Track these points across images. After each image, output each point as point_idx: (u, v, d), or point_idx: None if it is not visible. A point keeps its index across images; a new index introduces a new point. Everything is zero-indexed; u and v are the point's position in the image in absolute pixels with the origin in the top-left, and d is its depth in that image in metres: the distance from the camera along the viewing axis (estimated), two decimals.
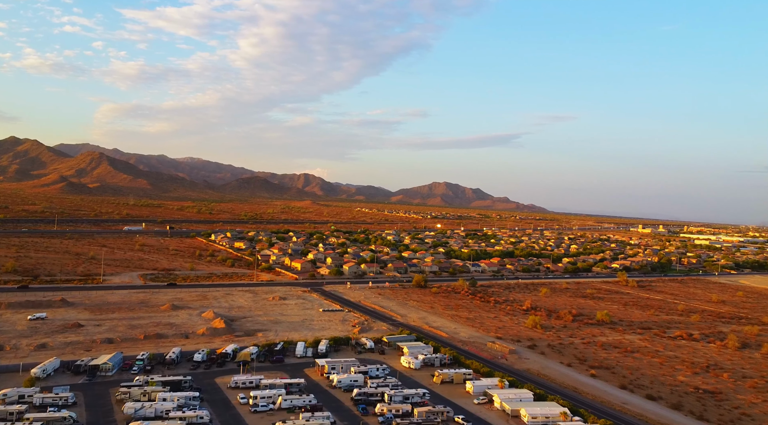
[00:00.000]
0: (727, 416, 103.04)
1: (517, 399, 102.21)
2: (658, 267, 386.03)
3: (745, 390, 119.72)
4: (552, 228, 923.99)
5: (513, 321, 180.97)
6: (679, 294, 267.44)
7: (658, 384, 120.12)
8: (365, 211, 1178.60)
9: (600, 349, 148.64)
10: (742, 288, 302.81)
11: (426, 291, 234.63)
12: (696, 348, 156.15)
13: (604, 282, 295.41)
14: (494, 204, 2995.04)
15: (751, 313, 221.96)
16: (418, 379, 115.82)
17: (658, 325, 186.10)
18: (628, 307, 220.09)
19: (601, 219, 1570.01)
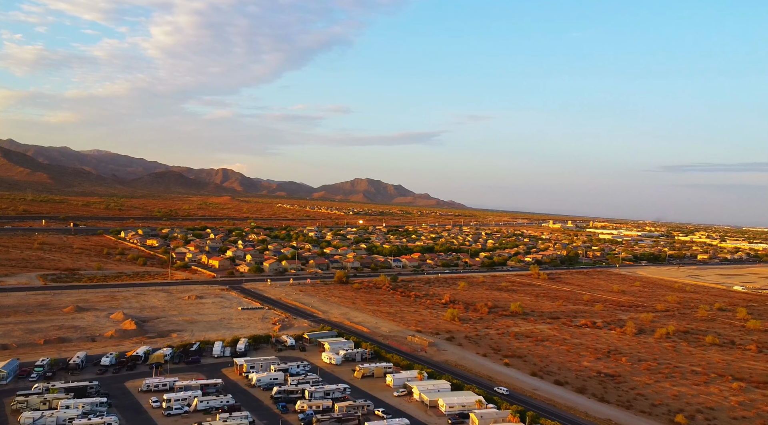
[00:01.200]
0: (624, 397, 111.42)
1: (436, 389, 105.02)
2: (566, 260, 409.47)
3: (640, 372, 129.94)
4: (470, 224, 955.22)
5: (432, 314, 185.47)
6: (585, 286, 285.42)
7: (565, 370, 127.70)
8: (287, 207, 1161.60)
9: (513, 339, 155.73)
10: (640, 279, 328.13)
11: (348, 287, 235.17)
12: (599, 335, 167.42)
13: (518, 276, 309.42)
14: (415, 200, 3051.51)
15: (646, 302, 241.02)
16: (339, 375, 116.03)
17: (566, 315, 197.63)
18: (539, 299, 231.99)
19: (515, 215, 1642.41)
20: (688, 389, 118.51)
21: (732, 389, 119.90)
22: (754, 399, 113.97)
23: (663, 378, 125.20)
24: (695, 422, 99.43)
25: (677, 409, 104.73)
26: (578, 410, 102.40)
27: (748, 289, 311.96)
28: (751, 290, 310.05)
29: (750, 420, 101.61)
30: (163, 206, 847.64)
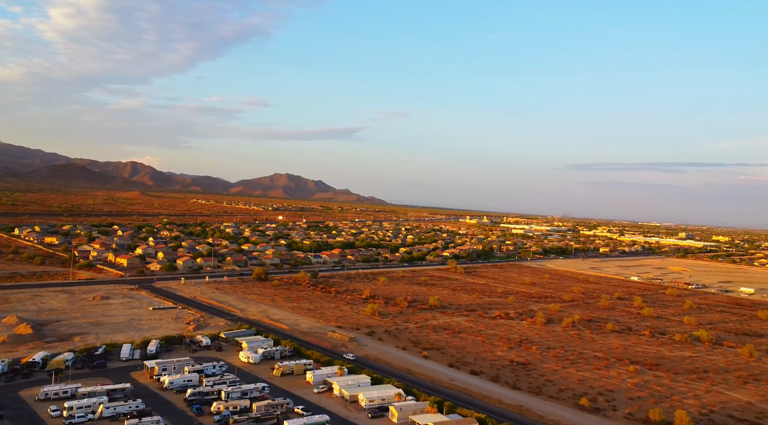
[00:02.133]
0: (534, 383, 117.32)
1: (356, 384, 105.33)
2: (482, 254, 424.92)
3: (549, 359, 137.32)
4: (390, 219, 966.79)
5: (353, 310, 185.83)
6: (499, 278, 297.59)
7: (480, 360, 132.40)
8: (202, 202, 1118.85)
9: (431, 332, 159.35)
10: (549, 271, 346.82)
11: (267, 284, 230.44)
12: (512, 326, 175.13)
13: (436, 270, 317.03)
14: (336, 196, 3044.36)
15: (555, 293, 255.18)
16: (258, 374, 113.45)
17: (481, 307, 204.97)
18: (456, 292, 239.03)
19: (434, 211, 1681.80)
20: (591, 373, 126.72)
21: (629, 372, 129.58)
22: (648, 380, 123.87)
23: (569, 365, 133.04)
24: (597, 404, 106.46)
25: (581, 393, 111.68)
26: (492, 398, 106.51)
27: (643, 279, 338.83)
28: (646, 280, 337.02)
29: (644, 400, 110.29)
30: (64, 201, 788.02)
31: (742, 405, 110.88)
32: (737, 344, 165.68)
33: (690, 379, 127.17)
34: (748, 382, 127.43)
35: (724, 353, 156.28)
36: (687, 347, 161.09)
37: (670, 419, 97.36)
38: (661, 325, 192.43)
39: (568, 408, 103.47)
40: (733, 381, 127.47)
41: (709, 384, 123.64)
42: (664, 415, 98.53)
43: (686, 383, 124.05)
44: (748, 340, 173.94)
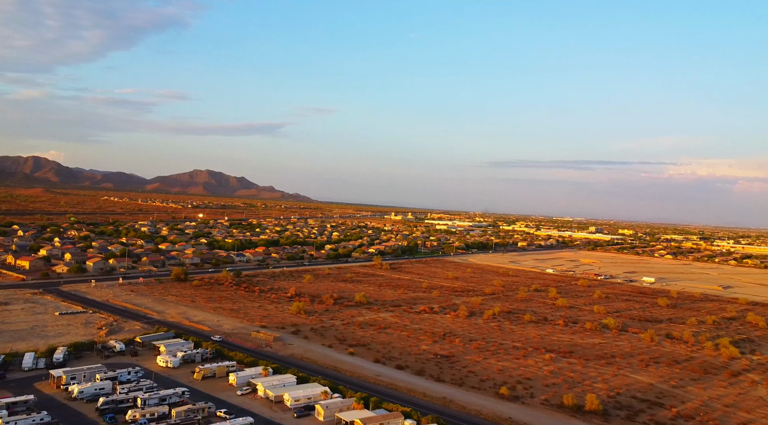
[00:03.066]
0: (457, 375, 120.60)
1: (281, 384, 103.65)
2: (407, 250, 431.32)
3: (471, 351, 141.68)
4: (316, 216, 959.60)
5: (278, 308, 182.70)
6: (424, 274, 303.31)
7: (405, 355, 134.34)
8: (114, 200, 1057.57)
9: (358, 329, 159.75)
10: (471, 266, 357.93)
11: (186, 284, 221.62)
12: (436, 320, 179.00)
13: (362, 267, 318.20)
14: (260, 193, 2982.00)
15: (477, 286, 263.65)
16: (177, 378, 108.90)
17: (406, 302, 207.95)
18: (382, 288, 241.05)
19: (359, 208, 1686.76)
20: (511, 363, 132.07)
21: (545, 360, 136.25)
22: (562, 368, 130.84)
23: (490, 355, 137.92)
24: (516, 392, 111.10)
25: (501, 382, 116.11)
26: (417, 391, 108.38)
27: (558, 272, 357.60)
28: (560, 272, 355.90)
29: (558, 386, 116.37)
30: None
31: (644, 387, 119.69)
32: (640, 330, 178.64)
33: (599, 365, 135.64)
34: (650, 365, 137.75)
35: (629, 339, 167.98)
36: (597, 334, 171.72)
37: (581, 403, 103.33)
38: (573, 315, 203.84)
39: (489, 398, 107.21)
40: (637, 365, 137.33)
41: (616, 369, 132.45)
42: (577, 399, 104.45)
43: (596, 368, 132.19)
44: (649, 326, 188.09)
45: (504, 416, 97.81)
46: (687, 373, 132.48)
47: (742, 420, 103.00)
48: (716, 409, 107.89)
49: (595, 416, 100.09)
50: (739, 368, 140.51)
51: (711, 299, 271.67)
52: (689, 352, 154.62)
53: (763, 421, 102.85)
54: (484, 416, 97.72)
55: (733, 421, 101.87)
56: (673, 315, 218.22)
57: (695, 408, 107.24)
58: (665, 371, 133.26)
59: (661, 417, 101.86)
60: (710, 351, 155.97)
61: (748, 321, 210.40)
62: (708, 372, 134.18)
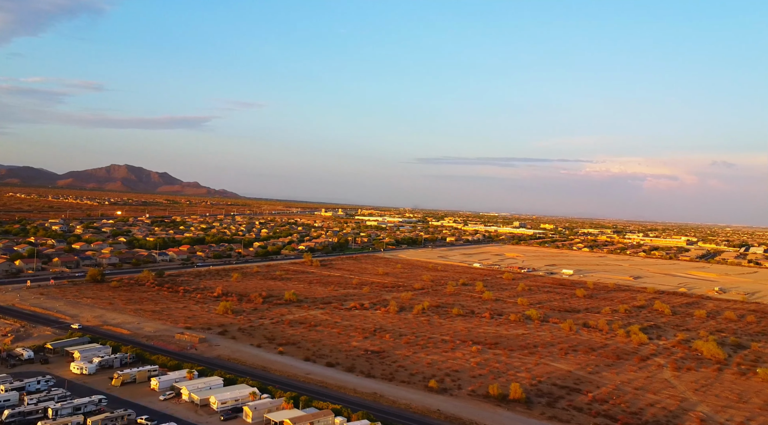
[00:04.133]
0: (388, 370, 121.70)
1: (207, 387, 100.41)
2: (337, 247, 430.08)
3: (401, 346, 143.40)
4: (244, 213, 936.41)
5: (204, 309, 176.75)
6: (354, 270, 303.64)
7: (336, 352, 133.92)
8: (21, 196, 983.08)
9: (288, 327, 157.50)
10: (401, 261, 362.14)
11: (104, 285, 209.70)
12: (366, 316, 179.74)
13: (292, 264, 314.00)
14: (184, 189, 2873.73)
15: (406, 282, 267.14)
16: (94, 385, 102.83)
17: (337, 299, 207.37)
18: (312, 285, 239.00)
19: (289, 204, 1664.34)
20: (439, 356, 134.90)
21: (472, 352, 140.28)
22: (488, 359, 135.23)
23: (420, 350, 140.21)
24: (444, 384, 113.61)
25: (430, 375, 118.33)
26: (348, 388, 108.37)
27: (484, 266, 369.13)
28: (486, 266, 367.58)
29: (484, 377, 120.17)
30: None
31: (563, 374, 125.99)
32: (560, 320, 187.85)
33: (523, 354, 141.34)
34: (569, 353, 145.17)
35: (550, 329, 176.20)
36: (520, 325, 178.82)
37: (506, 392, 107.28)
38: (499, 307, 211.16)
39: (418, 391, 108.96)
40: (557, 354, 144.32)
41: (538, 358, 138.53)
42: (502, 389, 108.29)
43: (520, 358, 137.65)
44: (568, 316, 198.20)
45: (432, 408, 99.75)
46: (602, 360, 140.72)
47: (650, 401, 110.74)
48: (627, 392, 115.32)
49: (518, 404, 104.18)
50: (647, 353, 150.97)
51: (623, 289, 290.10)
52: (604, 340, 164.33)
53: (668, 401, 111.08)
54: (413, 409, 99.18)
55: (641, 403, 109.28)
56: (589, 305, 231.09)
57: (609, 392, 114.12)
58: (582, 358, 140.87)
59: (579, 402, 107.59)
60: (622, 338, 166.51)
61: (655, 309, 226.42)
62: (620, 358, 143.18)
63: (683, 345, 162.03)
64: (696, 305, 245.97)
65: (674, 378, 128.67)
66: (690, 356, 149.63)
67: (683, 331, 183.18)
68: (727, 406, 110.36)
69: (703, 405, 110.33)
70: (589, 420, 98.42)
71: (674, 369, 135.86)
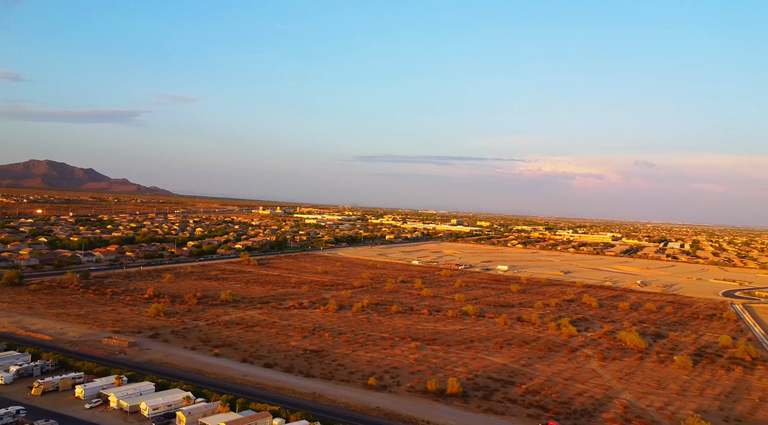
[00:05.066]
0: (327, 369, 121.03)
1: (137, 393, 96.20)
2: (276, 245, 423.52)
3: (341, 344, 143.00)
4: (177, 211, 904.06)
5: (134, 311, 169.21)
6: (293, 269, 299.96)
7: (274, 352, 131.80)
8: None
9: (224, 328, 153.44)
10: (340, 260, 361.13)
11: (22, 289, 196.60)
12: (305, 315, 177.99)
13: (228, 263, 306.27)
14: (111, 186, 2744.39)
15: (346, 280, 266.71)
16: (12, 395, 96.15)
17: (275, 299, 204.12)
18: (249, 285, 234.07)
19: (225, 202, 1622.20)
20: (379, 354, 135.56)
21: (411, 348, 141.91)
22: (426, 355, 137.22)
23: (359, 347, 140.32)
24: (384, 381, 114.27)
25: (370, 373, 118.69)
26: (286, 388, 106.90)
27: (422, 263, 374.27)
28: (424, 263, 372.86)
29: (423, 373, 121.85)
30: None
31: (499, 367, 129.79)
32: (495, 315, 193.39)
33: (460, 349, 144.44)
34: (504, 347, 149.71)
35: (485, 323, 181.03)
36: (458, 321, 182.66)
37: (444, 387, 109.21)
38: (437, 303, 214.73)
39: (358, 389, 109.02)
40: (493, 348, 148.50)
41: (474, 352, 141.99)
42: (439, 384, 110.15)
43: (457, 353, 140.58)
44: (503, 311, 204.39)
45: (372, 406, 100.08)
46: (534, 352, 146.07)
47: (579, 390, 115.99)
48: (558, 383, 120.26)
49: (455, 398, 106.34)
50: (576, 345, 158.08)
51: (554, 284, 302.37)
52: (536, 333, 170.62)
53: (595, 390, 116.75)
54: (353, 408, 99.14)
55: (571, 392, 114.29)
56: (523, 299, 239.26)
57: (541, 384, 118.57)
58: (516, 351, 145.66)
59: (513, 394, 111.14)
60: (553, 331, 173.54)
61: (583, 302, 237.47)
62: (551, 350, 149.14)
63: (609, 336, 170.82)
64: (620, 298, 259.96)
65: (601, 367, 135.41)
66: (615, 346, 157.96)
67: (609, 323, 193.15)
68: (647, 393, 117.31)
69: (627, 392, 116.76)
70: (522, 411, 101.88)
71: (601, 359, 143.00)
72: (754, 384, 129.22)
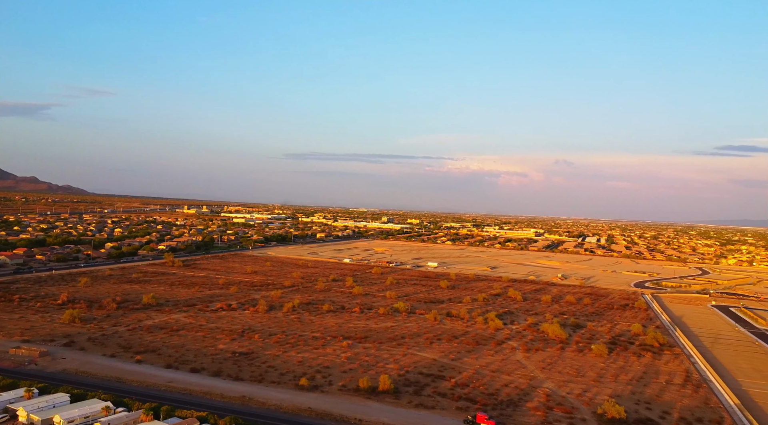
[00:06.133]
0: (257, 371, 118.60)
1: (50, 406, 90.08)
2: (202, 245, 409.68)
3: (271, 345, 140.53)
4: (93, 211, 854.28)
5: (45, 318, 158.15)
6: (221, 269, 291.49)
7: (201, 356, 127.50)
8: None
9: (146, 333, 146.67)
10: (270, 259, 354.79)
11: None
12: (234, 317, 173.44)
13: (150, 265, 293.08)
14: (18, 185, 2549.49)
15: (276, 280, 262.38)
16: None
17: (202, 301, 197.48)
18: (174, 287, 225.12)
19: (147, 201, 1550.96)
20: (310, 353, 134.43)
21: (342, 347, 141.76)
22: (358, 353, 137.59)
23: (290, 348, 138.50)
24: (315, 381, 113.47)
25: (301, 373, 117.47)
26: (214, 393, 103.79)
27: (354, 261, 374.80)
28: (356, 261, 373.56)
29: (355, 371, 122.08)
30: None
31: (429, 362, 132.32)
32: (426, 311, 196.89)
33: (391, 346, 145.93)
34: (434, 342, 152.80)
35: (416, 320, 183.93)
36: (389, 318, 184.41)
37: (375, 384, 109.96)
38: (368, 301, 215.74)
39: (289, 390, 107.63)
40: (423, 343, 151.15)
41: (405, 349, 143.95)
42: (371, 382, 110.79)
43: (388, 350, 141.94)
44: (433, 307, 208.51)
45: (304, 407, 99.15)
46: (463, 346, 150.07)
47: (505, 382, 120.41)
48: (485, 375, 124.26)
49: (387, 395, 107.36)
50: (502, 337, 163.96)
51: (482, 279, 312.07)
52: (465, 327, 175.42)
53: (520, 381, 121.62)
54: (284, 409, 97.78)
55: (497, 384, 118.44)
56: (452, 295, 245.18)
57: (469, 377, 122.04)
58: (446, 346, 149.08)
59: (443, 388, 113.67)
60: (481, 325, 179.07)
61: (509, 296, 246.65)
62: (479, 344, 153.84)
63: (533, 328, 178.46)
64: (543, 291, 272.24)
65: (525, 359, 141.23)
66: (538, 338, 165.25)
67: (532, 315, 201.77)
68: (568, 381, 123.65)
69: (549, 381, 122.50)
70: (451, 405, 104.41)
71: (525, 350, 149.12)
72: (662, 368, 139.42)
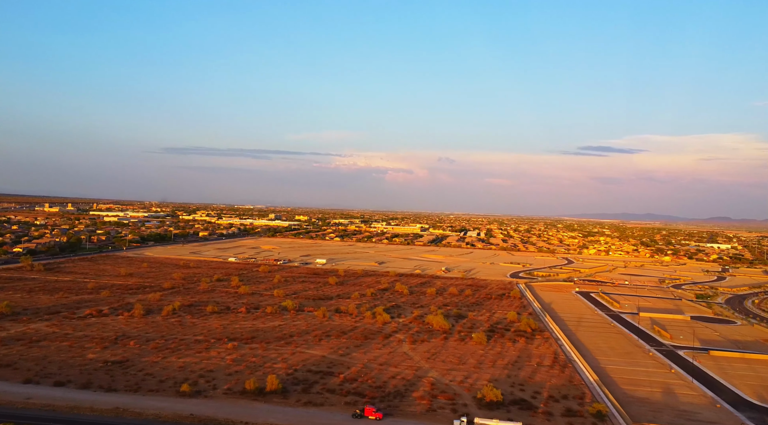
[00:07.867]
0: (133, 380, 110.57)
1: None
2: (67, 247, 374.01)
3: (149, 352, 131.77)
4: None
5: None
6: (90, 273, 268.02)
7: (67, 368, 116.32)
8: None
9: (0, 347, 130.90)
10: (147, 260, 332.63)
11: None
12: (106, 323, 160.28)
13: (4, 270, 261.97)
14: None
15: (154, 282, 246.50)
16: None
17: (67, 308, 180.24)
18: (34, 294, 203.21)
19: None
20: (193, 358, 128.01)
21: (228, 349, 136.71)
22: (245, 354, 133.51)
23: (170, 354, 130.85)
24: (198, 386, 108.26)
25: (183, 379, 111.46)
26: (83, 407, 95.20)
27: (240, 259, 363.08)
28: (242, 260, 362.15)
29: (241, 373, 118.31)
30: None
31: (318, 360, 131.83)
32: (314, 308, 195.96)
33: (279, 345, 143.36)
34: (323, 339, 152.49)
35: (305, 317, 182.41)
36: (277, 317, 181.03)
37: (263, 385, 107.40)
38: (255, 300, 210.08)
39: (169, 398, 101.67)
40: (312, 341, 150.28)
41: (294, 347, 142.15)
42: (258, 383, 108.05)
43: (276, 349, 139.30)
44: (322, 303, 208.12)
45: (185, 413, 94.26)
46: (352, 342, 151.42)
47: (392, 374, 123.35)
48: (374, 369, 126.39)
49: (275, 395, 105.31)
50: (390, 331, 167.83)
51: (370, 274, 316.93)
52: (353, 323, 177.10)
53: (406, 372, 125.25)
54: (164, 418, 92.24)
55: (385, 376, 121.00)
56: (341, 291, 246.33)
57: (358, 371, 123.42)
58: (335, 342, 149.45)
59: (332, 384, 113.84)
60: (369, 320, 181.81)
61: (396, 290, 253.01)
62: (367, 338, 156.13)
63: (418, 320, 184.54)
64: (428, 284, 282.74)
65: (411, 350, 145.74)
66: (423, 329, 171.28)
67: (418, 308, 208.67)
68: (451, 369, 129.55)
69: (433, 371, 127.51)
70: (340, 400, 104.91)
71: (411, 342, 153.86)
72: (534, 352, 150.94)
